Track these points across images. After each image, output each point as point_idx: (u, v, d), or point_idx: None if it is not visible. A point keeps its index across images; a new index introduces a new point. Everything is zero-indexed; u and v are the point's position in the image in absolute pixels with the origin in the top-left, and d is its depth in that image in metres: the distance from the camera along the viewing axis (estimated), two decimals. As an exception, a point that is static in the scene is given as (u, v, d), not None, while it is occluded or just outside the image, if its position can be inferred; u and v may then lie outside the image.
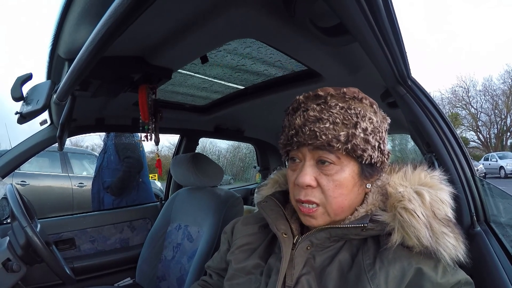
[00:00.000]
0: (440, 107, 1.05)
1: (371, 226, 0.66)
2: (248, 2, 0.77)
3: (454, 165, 0.95)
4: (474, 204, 0.92)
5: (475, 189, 0.94)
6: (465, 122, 28.73)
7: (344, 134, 0.66)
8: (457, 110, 28.74)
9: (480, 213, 0.92)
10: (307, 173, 0.69)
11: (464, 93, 28.46)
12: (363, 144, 0.67)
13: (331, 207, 0.69)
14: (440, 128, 0.99)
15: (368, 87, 1.27)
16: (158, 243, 1.79)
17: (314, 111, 0.68)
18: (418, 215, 0.62)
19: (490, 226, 0.91)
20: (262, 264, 0.76)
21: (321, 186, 0.69)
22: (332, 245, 0.71)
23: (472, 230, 0.87)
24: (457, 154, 0.96)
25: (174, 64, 1.13)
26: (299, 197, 0.71)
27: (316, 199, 0.69)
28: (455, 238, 0.62)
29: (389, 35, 0.76)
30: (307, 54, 1.08)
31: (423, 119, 1.00)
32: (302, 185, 0.69)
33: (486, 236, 0.85)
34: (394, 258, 0.63)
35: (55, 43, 0.81)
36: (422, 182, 0.70)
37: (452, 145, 0.97)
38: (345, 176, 0.68)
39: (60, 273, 1.19)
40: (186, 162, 1.71)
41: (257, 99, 1.61)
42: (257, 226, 0.86)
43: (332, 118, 0.67)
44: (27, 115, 0.88)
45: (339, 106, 0.68)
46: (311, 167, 0.70)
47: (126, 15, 0.44)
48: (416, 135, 1.39)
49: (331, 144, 0.66)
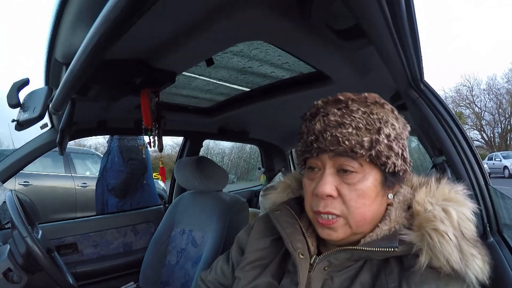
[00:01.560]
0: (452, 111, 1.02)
1: (399, 249, 0.61)
2: (256, 4, 0.73)
3: (467, 172, 0.90)
4: (487, 214, 0.88)
5: (488, 197, 0.90)
6: (469, 121, 28.63)
7: (368, 139, 0.62)
8: (461, 109, 28.64)
9: (493, 223, 0.88)
10: (328, 182, 0.64)
11: (468, 92, 28.40)
12: (387, 151, 0.63)
13: (354, 218, 0.64)
14: (453, 134, 0.95)
15: (378, 89, 1.22)
16: (162, 248, 1.76)
17: (335, 116, 0.64)
18: (450, 237, 0.58)
19: (502, 236, 0.87)
20: (275, 283, 0.71)
21: (342, 196, 0.64)
22: (351, 264, 0.66)
23: (485, 241, 0.82)
24: (470, 162, 0.92)
25: (178, 67, 1.09)
26: (318, 209, 0.66)
27: (336, 210, 0.64)
28: (482, 260, 0.58)
29: (407, 38, 0.72)
30: (318, 56, 1.04)
31: (436, 124, 0.96)
32: (322, 195, 0.64)
33: (499, 247, 0.81)
34: (421, 281, 0.58)
35: (52, 46, 0.77)
36: (447, 197, 0.64)
37: (466, 152, 0.93)
38: (368, 185, 0.64)
39: (61, 282, 1.17)
40: (190, 166, 1.68)
41: (264, 101, 1.57)
42: (269, 240, 0.80)
43: (355, 123, 0.63)
44: (24, 123, 0.85)
45: (361, 111, 0.64)
46: (332, 175, 0.65)
47: (120, 20, 0.40)
48: (425, 139, 1.36)
49: (354, 150, 0.62)
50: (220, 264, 0.92)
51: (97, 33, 0.44)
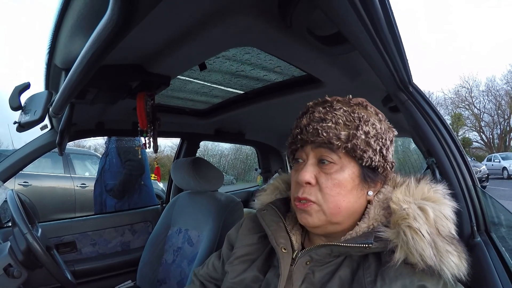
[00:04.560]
0: (443, 111, 1.04)
1: (375, 245, 0.64)
2: (244, 11, 0.77)
3: (455, 173, 0.94)
4: (474, 214, 0.90)
5: (476, 198, 0.92)
6: (468, 123, 28.66)
7: (345, 134, 0.68)
8: (460, 111, 28.65)
9: (481, 222, 0.91)
10: (308, 170, 0.70)
11: (467, 94, 28.38)
12: (363, 145, 0.69)
13: (328, 205, 0.69)
14: (441, 135, 0.98)
15: (370, 92, 1.27)
16: (159, 247, 1.79)
17: (319, 113, 0.71)
18: (423, 234, 0.61)
19: (490, 236, 0.89)
20: (261, 277, 0.75)
21: (320, 184, 0.70)
22: (332, 260, 0.70)
23: (472, 241, 0.86)
24: (458, 162, 0.95)
25: (173, 71, 1.13)
26: (297, 195, 0.71)
27: (312, 196, 0.70)
28: (458, 257, 0.61)
29: (389, 43, 0.76)
30: (307, 61, 1.08)
31: (424, 125, 1.00)
32: (302, 182, 0.70)
33: (486, 247, 0.83)
34: (396, 275, 0.62)
35: (51, 52, 0.81)
36: (426, 196, 0.68)
37: (453, 153, 0.96)
38: (345, 176, 0.69)
39: (61, 278, 1.20)
40: (186, 167, 1.71)
41: (258, 103, 1.61)
42: (256, 236, 0.85)
43: (335, 119, 0.69)
44: (25, 125, 0.88)
45: (343, 109, 0.71)
46: (312, 165, 0.71)
47: (118, 29, 0.43)
48: (418, 140, 1.39)
49: (331, 142, 0.68)
50: (212, 260, 0.97)
51: (96, 41, 0.47)
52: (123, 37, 0.44)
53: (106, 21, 0.41)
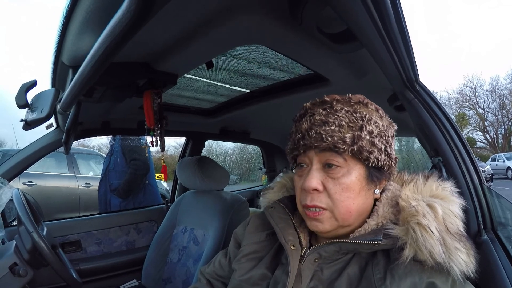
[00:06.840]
0: (447, 111, 1.04)
1: (384, 242, 0.64)
2: (253, 9, 0.76)
3: (462, 171, 0.93)
4: (481, 212, 0.90)
5: (483, 196, 0.92)
6: (472, 122, 28.58)
7: (350, 136, 0.66)
8: (464, 110, 28.57)
9: (488, 221, 0.91)
10: (314, 177, 0.69)
11: (471, 93, 28.29)
12: (369, 146, 0.67)
13: (339, 211, 0.68)
14: (448, 133, 0.97)
15: (376, 90, 1.26)
16: (164, 246, 1.79)
17: (320, 115, 0.69)
18: (432, 231, 0.60)
19: (497, 234, 0.89)
20: (269, 275, 0.75)
21: (328, 190, 0.68)
22: (340, 257, 0.69)
23: (479, 239, 0.85)
24: (465, 161, 0.95)
25: (179, 69, 1.12)
26: (306, 202, 0.70)
27: (322, 203, 0.68)
28: (467, 254, 0.60)
29: (398, 41, 0.75)
30: (314, 59, 1.07)
31: (431, 124, 0.99)
32: (308, 190, 0.69)
33: (493, 245, 0.83)
34: (405, 273, 0.61)
35: (59, 50, 0.81)
36: (434, 193, 0.68)
37: (460, 151, 0.96)
38: (352, 179, 0.68)
39: (66, 277, 1.20)
40: (191, 166, 1.71)
41: (264, 102, 1.61)
42: (264, 234, 0.84)
43: (338, 121, 0.67)
44: (32, 123, 0.88)
45: (344, 110, 0.68)
46: (318, 171, 0.69)
47: (130, 26, 0.43)
48: (424, 139, 1.38)
49: (337, 146, 0.66)
50: (219, 258, 0.96)
51: (108, 38, 0.47)
52: (139, 29, 0.44)
53: (123, 13, 0.41)
